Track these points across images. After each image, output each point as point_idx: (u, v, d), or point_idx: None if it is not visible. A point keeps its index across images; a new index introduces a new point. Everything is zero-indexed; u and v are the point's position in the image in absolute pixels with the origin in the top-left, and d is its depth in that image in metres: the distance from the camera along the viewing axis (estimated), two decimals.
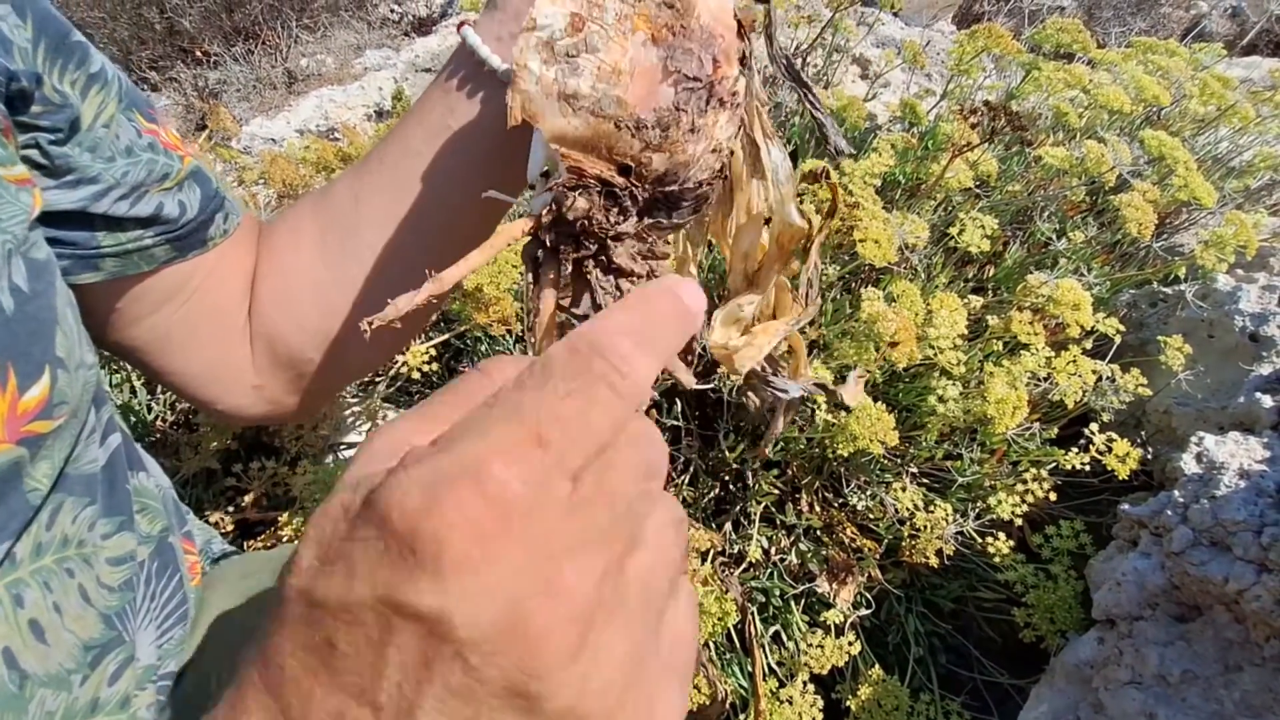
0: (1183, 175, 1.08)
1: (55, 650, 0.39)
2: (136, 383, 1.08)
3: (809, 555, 1.02)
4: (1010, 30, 1.33)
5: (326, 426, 1.10)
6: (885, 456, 1.01)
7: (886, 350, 0.86)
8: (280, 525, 0.97)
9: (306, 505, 0.98)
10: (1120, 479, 0.88)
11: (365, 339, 0.50)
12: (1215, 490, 0.75)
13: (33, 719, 0.37)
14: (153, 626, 0.47)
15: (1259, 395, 0.91)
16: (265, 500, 1.04)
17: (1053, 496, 0.91)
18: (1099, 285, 1.18)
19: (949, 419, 0.91)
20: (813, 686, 0.88)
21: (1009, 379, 0.88)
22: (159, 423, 1.07)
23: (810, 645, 0.89)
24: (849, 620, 0.94)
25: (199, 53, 2.85)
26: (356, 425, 1.14)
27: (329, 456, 1.10)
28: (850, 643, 0.89)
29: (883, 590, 1.01)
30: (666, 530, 0.23)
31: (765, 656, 0.95)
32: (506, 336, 1.14)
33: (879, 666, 0.94)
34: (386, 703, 0.19)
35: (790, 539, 1.04)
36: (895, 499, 0.95)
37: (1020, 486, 0.91)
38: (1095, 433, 0.90)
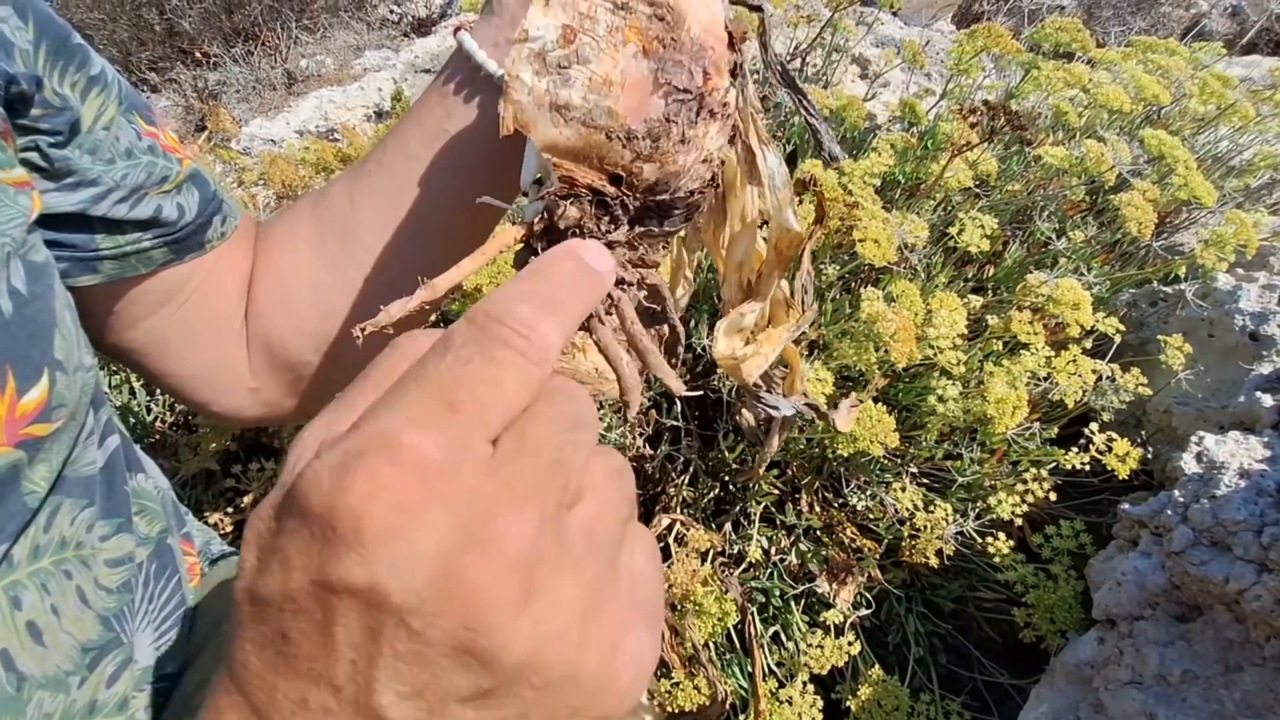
0: (1182, 174, 1.07)
1: (53, 652, 0.39)
2: (136, 384, 1.08)
3: (809, 555, 1.02)
4: (1010, 30, 1.32)
5: None
6: (885, 456, 1.01)
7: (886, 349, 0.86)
8: None
9: None
10: (1120, 479, 0.88)
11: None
12: (1215, 490, 0.75)
13: None
14: (151, 628, 0.47)
15: (1259, 394, 0.91)
16: None
17: (1053, 496, 0.90)
18: (1099, 284, 1.18)
19: (949, 419, 0.91)
20: (812, 687, 0.88)
21: (1009, 379, 0.88)
22: (158, 424, 1.07)
23: (810, 645, 0.89)
24: (849, 620, 0.94)
25: (198, 54, 2.85)
26: None
27: None
28: (850, 643, 0.89)
29: (883, 590, 1.01)
30: (607, 480, 0.24)
31: (765, 657, 0.95)
32: None
33: (879, 667, 0.94)
34: (345, 681, 0.20)
35: (790, 539, 1.04)
36: (895, 499, 0.95)
37: (1020, 486, 0.91)
38: (1095, 432, 0.90)
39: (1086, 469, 0.90)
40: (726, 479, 1.09)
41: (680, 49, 0.30)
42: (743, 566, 1.01)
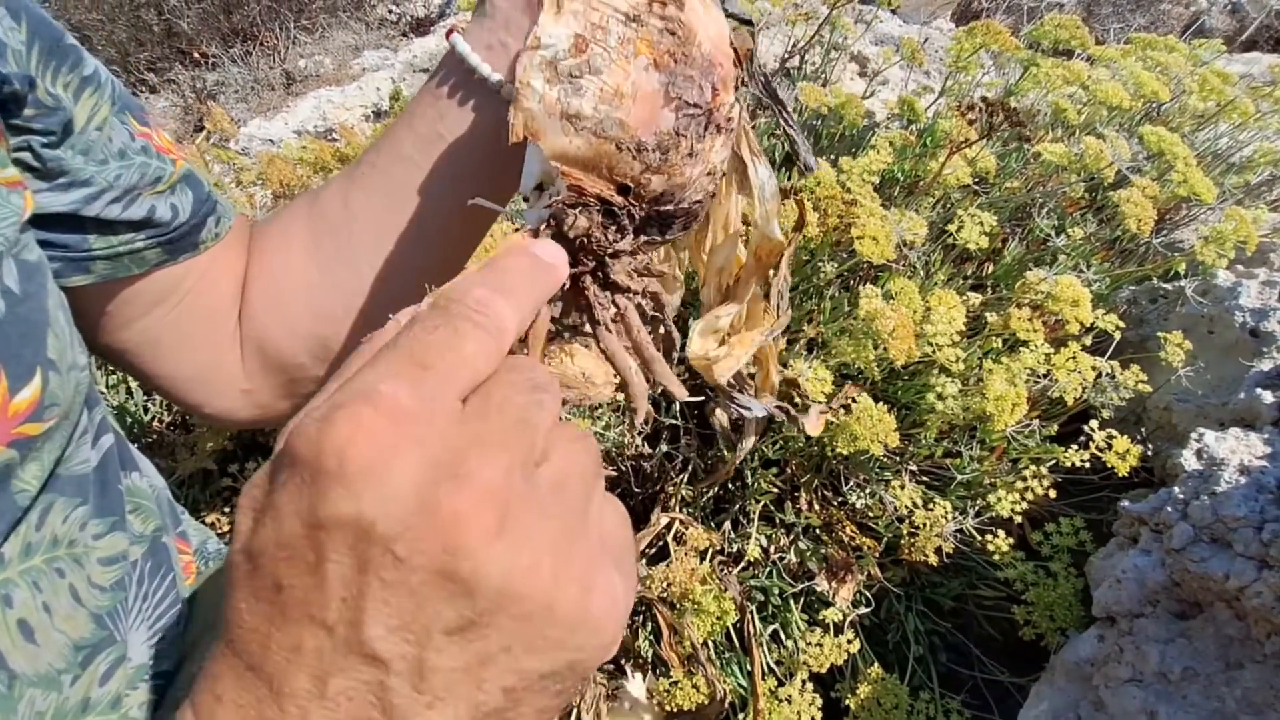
0: (1182, 171, 1.07)
1: (45, 650, 0.39)
2: (133, 384, 1.08)
3: (808, 553, 1.02)
4: (1009, 27, 1.32)
5: None
6: (884, 454, 1.01)
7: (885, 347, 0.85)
8: None
9: None
10: (1120, 476, 0.88)
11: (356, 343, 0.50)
12: (1216, 486, 0.75)
13: (22, 719, 0.37)
14: (145, 626, 0.47)
15: (1259, 391, 0.90)
16: None
17: (1053, 494, 0.90)
18: (1098, 281, 1.18)
19: (948, 416, 0.90)
20: (812, 685, 0.88)
21: (1008, 376, 0.88)
22: (155, 424, 1.07)
23: (809, 644, 0.89)
24: (848, 619, 0.94)
25: (197, 54, 2.85)
26: None
27: None
28: (849, 641, 0.89)
29: (882, 588, 1.01)
30: (571, 444, 0.25)
31: (764, 655, 0.95)
32: None
33: (878, 665, 0.94)
34: (336, 619, 0.21)
35: (789, 537, 1.04)
36: (894, 497, 0.94)
37: (1020, 484, 0.91)
38: (1095, 429, 0.90)
39: (1086, 466, 0.90)
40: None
41: (691, 64, 0.31)
42: (742, 565, 1.01)
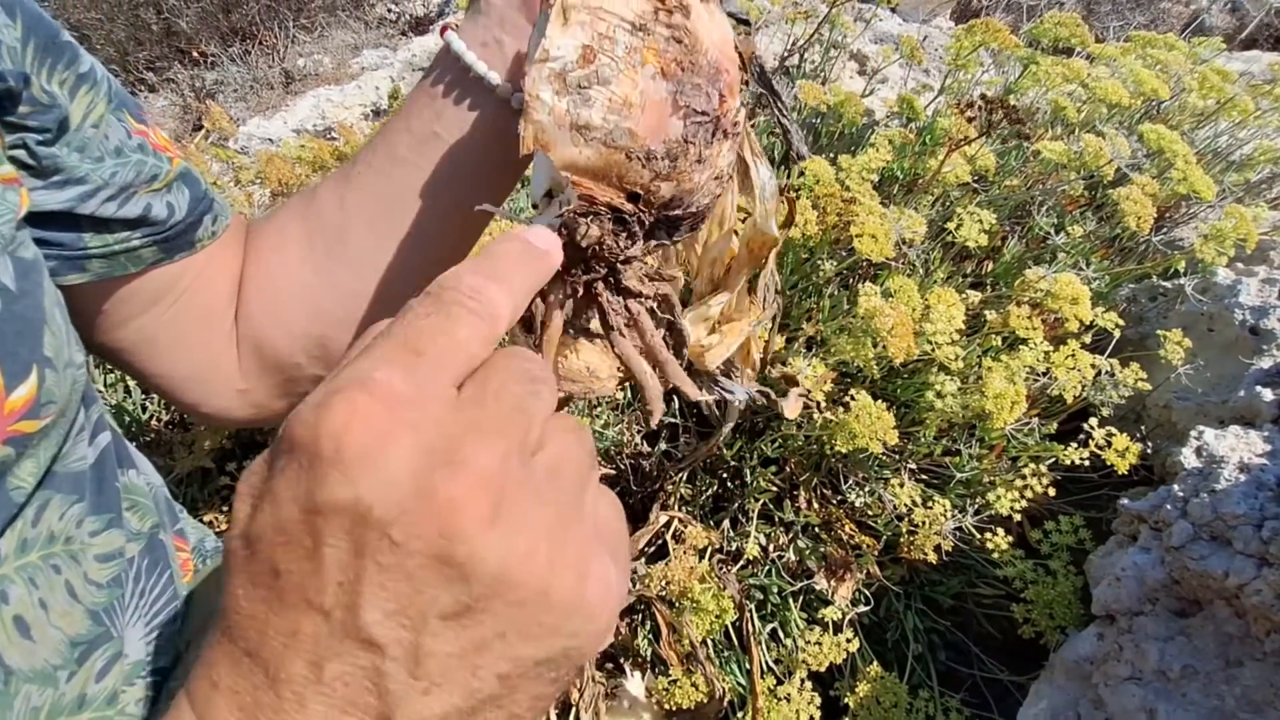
0: (1182, 169, 1.07)
1: (41, 646, 0.39)
2: (130, 383, 1.08)
3: (807, 552, 1.02)
4: (1008, 25, 1.32)
5: None
6: (884, 453, 1.01)
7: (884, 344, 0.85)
8: None
9: None
10: (1120, 474, 0.88)
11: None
12: (1215, 484, 0.75)
13: (18, 715, 0.37)
14: (142, 623, 0.47)
15: (1259, 389, 0.90)
16: None
17: (1052, 492, 0.90)
18: (1098, 279, 1.18)
19: (947, 414, 0.90)
20: (810, 684, 0.88)
21: (1007, 374, 0.88)
22: (153, 422, 1.07)
23: (808, 642, 0.89)
24: (847, 617, 0.94)
25: (196, 53, 2.85)
26: None
27: None
28: (848, 640, 0.89)
29: (881, 587, 1.01)
30: (566, 433, 0.25)
31: (763, 654, 0.95)
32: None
33: (877, 663, 0.94)
34: (333, 604, 0.21)
35: (788, 536, 1.04)
36: (894, 495, 0.94)
37: (1019, 482, 0.90)
38: (1095, 427, 0.90)
39: (1086, 464, 0.90)
40: (724, 476, 1.09)
41: (698, 71, 0.31)
42: (741, 563, 1.01)
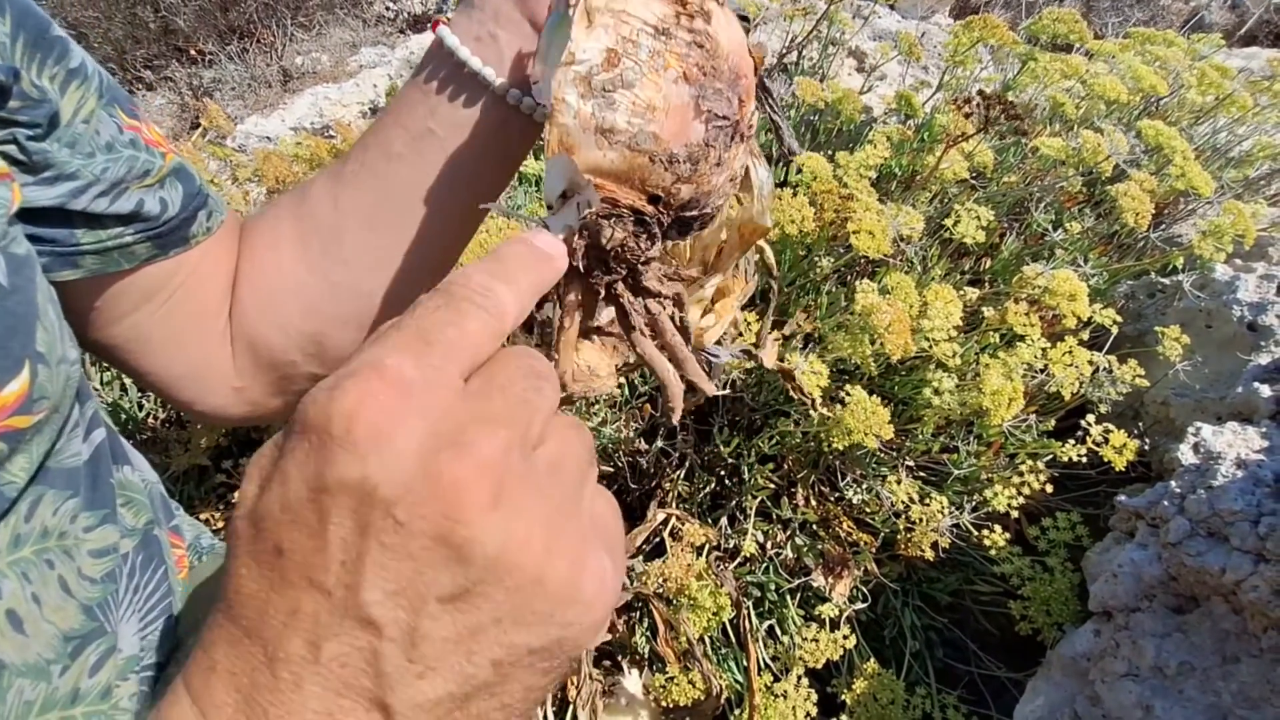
0: (1180, 165, 1.07)
1: (34, 641, 0.38)
2: (127, 380, 1.08)
3: (805, 549, 1.02)
4: (1007, 21, 1.32)
5: None
6: (881, 450, 1.01)
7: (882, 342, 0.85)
8: None
9: None
10: (1117, 470, 0.88)
11: (348, 340, 0.50)
12: (1212, 480, 0.74)
13: (10, 709, 0.37)
14: (136, 618, 0.47)
15: (1257, 385, 0.90)
16: None
17: (1049, 489, 0.90)
18: (1096, 276, 1.17)
19: (945, 411, 0.90)
20: (807, 680, 0.88)
21: (1005, 371, 0.88)
22: (150, 420, 1.06)
23: (805, 639, 0.89)
24: (845, 614, 0.94)
25: (194, 51, 2.84)
26: None
27: None
28: (846, 636, 0.89)
29: (879, 584, 1.01)
30: (568, 430, 0.26)
31: (760, 651, 0.95)
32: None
33: (875, 660, 0.94)
34: (334, 583, 0.21)
35: (786, 533, 1.04)
36: (891, 492, 0.94)
37: (1017, 479, 0.90)
38: (1092, 424, 0.90)
39: (1083, 461, 0.90)
40: (722, 473, 1.09)
41: (719, 76, 0.32)
42: (738, 560, 1.01)
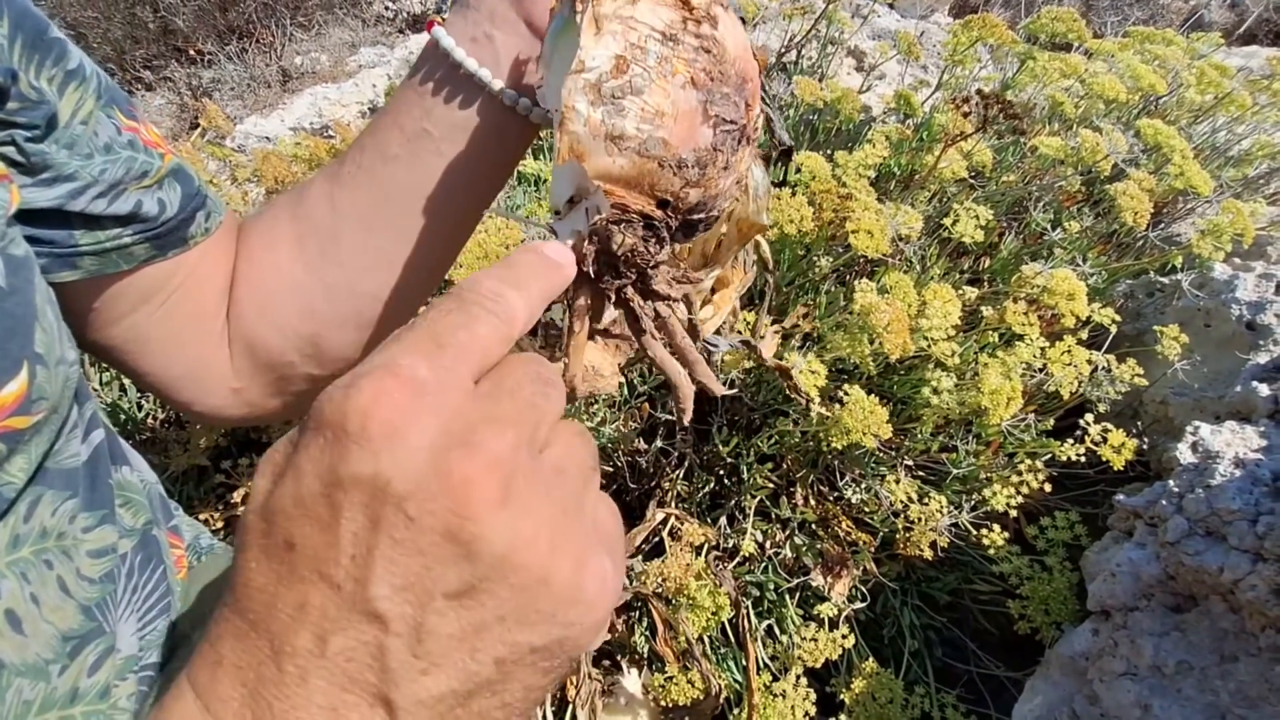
0: (1179, 164, 1.07)
1: (33, 640, 0.39)
2: (126, 381, 1.08)
3: (803, 549, 1.02)
4: (1006, 20, 1.32)
5: None
6: (880, 449, 1.01)
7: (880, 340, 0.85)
8: None
9: None
10: (1116, 470, 0.88)
11: (345, 341, 0.50)
12: (1211, 479, 0.75)
13: (9, 708, 0.37)
14: (134, 618, 0.47)
15: (1255, 384, 0.90)
16: None
17: (1048, 488, 0.90)
18: (1095, 275, 1.17)
19: (944, 411, 0.90)
20: (806, 680, 0.88)
21: (1003, 370, 0.88)
22: (149, 420, 1.07)
23: (804, 639, 0.89)
24: (843, 614, 0.94)
25: (193, 52, 2.84)
26: None
27: None
28: (844, 636, 0.89)
29: (878, 583, 1.01)
30: (573, 436, 0.27)
31: (759, 650, 0.95)
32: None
33: (873, 660, 0.94)
34: (344, 577, 0.22)
35: (785, 533, 1.04)
36: (890, 492, 0.94)
37: (1015, 478, 0.90)
38: (1091, 423, 0.90)
39: (1082, 460, 0.90)
40: (721, 473, 1.09)
41: (727, 81, 0.32)
42: (737, 560, 1.01)
